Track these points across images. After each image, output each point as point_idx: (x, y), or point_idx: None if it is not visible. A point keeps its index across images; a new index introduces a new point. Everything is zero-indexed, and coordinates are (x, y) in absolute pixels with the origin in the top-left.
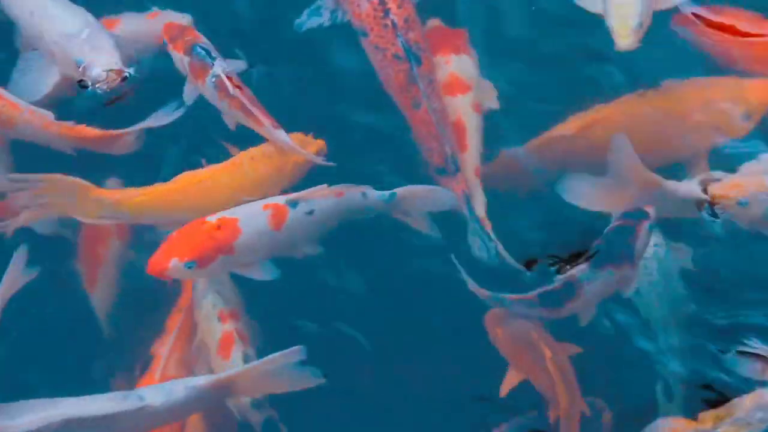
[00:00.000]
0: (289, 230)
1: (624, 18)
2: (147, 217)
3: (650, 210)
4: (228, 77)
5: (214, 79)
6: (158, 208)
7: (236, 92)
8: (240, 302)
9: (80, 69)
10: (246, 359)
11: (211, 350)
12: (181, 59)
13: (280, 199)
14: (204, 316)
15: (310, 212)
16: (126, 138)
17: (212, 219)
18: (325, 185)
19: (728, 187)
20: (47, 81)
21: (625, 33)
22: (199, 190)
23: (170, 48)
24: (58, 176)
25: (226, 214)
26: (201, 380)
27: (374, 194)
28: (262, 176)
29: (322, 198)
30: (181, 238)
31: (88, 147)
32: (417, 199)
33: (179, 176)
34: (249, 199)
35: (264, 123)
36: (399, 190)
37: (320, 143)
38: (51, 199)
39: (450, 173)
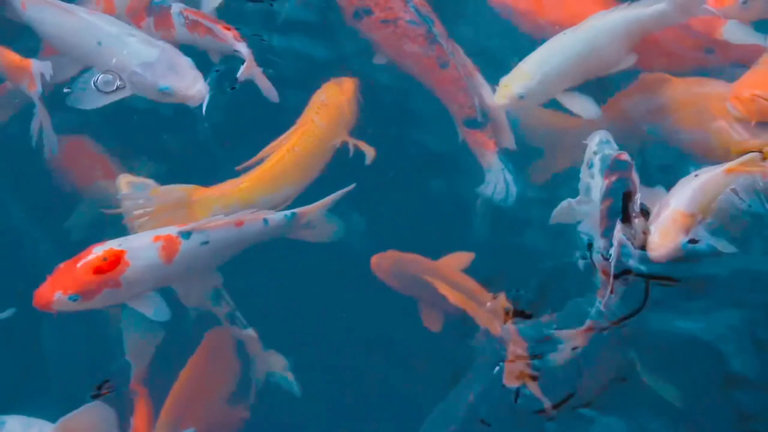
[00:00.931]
0: (182, 262)
1: (514, 80)
2: (257, 201)
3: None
4: (186, 10)
5: (180, 17)
6: (265, 188)
7: (194, 17)
8: None
9: (167, 95)
10: None
11: None
12: (148, 25)
13: (173, 230)
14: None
15: (205, 243)
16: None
17: (100, 250)
18: (221, 215)
19: None
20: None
21: (503, 94)
22: (293, 157)
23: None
24: (165, 188)
25: (114, 245)
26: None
27: (276, 218)
28: (331, 122)
29: (220, 228)
30: (67, 270)
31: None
32: (317, 214)
33: (263, 151)
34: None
35: (226, 37)
36: (299, 210)
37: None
38: (162, 210)
39: (481, 124)
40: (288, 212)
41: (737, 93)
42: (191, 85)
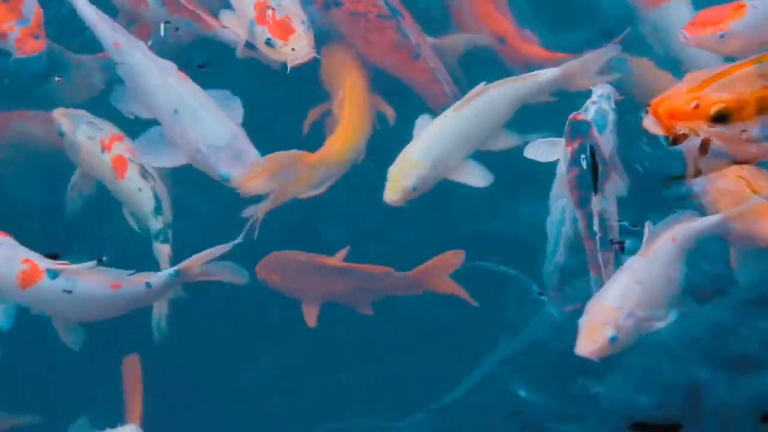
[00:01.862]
0: (36, 298)
1: (405, 172)
2: (350, 159)
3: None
4: None
5: None
6: (353, 143)
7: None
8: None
9: (225, 181)
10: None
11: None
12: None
13: (44, 263)
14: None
15: (68, 291)
16: None
17: None
18: (94, 262)
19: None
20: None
21: (395, 189)
22: (359, 110)
23: None
24: (277, 154)
25: None
26: None
27: (160, 280)
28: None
29: (92, 282)
30: None
31: None
32: (202, 265)
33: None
34: None
35: (211, 23)
36: (181, 265)
37: None
38: (281, 179)
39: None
40: (171, 270)
41: (655, 108)
42: (252, 185)
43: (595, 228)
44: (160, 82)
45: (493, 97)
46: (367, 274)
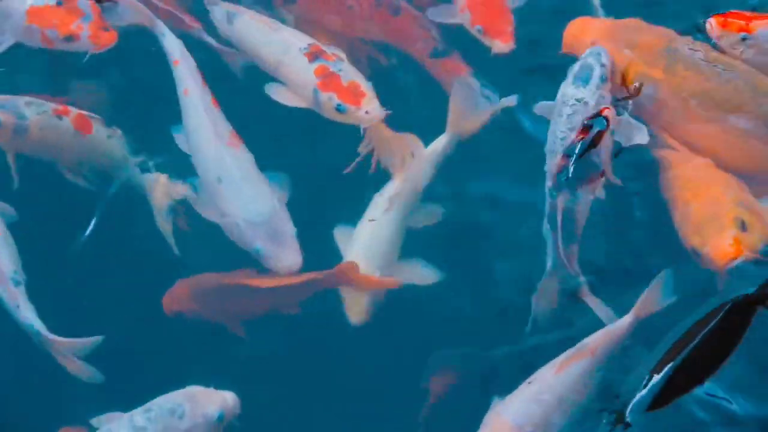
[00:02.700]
0: None
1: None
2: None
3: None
4: None
5: None
6: None
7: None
8: None
9: (259, 256)
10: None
11: None
12: None
13: None
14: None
15: None
16: None
17: None
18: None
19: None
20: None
21: (359, 309)
22: None
23: None
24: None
25: None
26: None
27: None
28: None
29: None
30: None
31: None
32: None
33: None
34: None
35: (192, 25)
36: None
37: None
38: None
39: (446, 51)
40: None
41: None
42: (285, 258)
43: (557, 221)
44: (211, 146)
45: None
46: (287, 285)
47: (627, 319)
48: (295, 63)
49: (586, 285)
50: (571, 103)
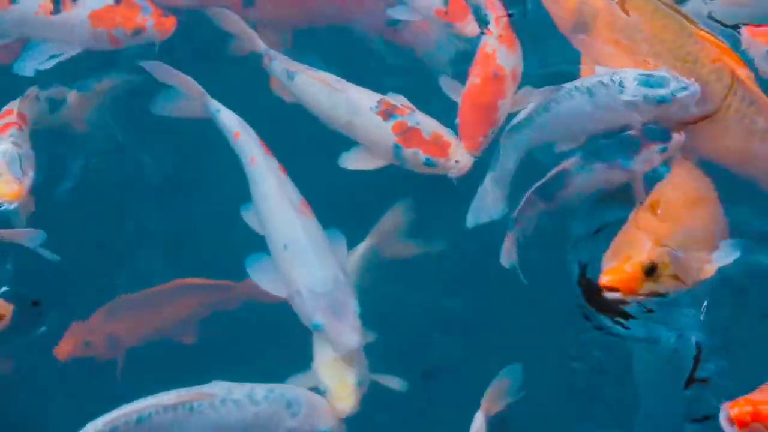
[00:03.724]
0: None
1: (344, 380)
2: None
3: (675, 138)
4: None
5: None
6: None
7: None
8: None
9: (317, 330)
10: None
11: None
12: None
13: None
14: None
15: None
16: None
17: None
18: None
19: None
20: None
21: (346, 394)
22: None
23: None
24: None
25: None
26: None
27: None
28: None
29: None
30: None
31: None
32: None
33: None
34: None
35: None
36: None
37: None
38: None
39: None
40: None
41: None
42: (345, 334)
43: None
44: (280, 213)
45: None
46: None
47: (478, 419)
48: (368, 123)
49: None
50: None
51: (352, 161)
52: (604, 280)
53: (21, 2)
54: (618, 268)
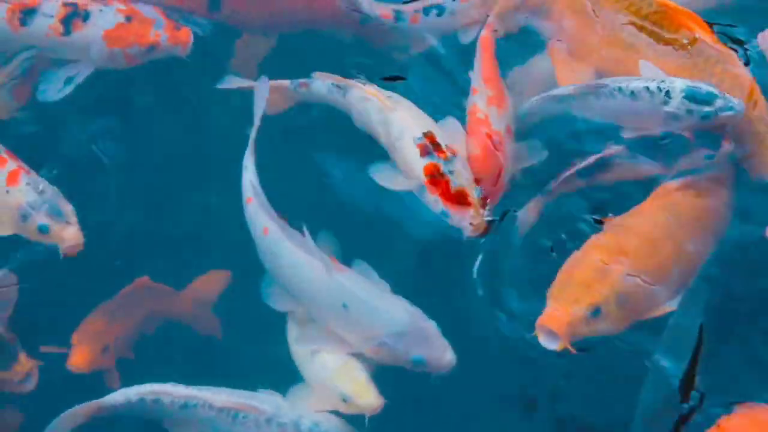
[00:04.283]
0: None
1: (357, 379)
2: None
3: (724, 147)
4: None
5: None
6: None
7: None
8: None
9: (419, 365)
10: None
11: None
12: None
13: None
14: None
15: None
16: None
17: None
18: None
19: None
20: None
21: (368, 390)
22: None
23: None
24: None
25: None
26: None
27: None
28: None
29: None
30: None
31: None
32: None
33: None
34: None
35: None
36: None
37: None
38: None
39: (370, 17)
40: None
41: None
42: (443, 355)
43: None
44: (324, 276)
45: None
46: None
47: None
48: (406, 152)
49: None
50: None
51: (381, 176)
52: (543, 325)
53: (32, 24)
54: (558, 314)
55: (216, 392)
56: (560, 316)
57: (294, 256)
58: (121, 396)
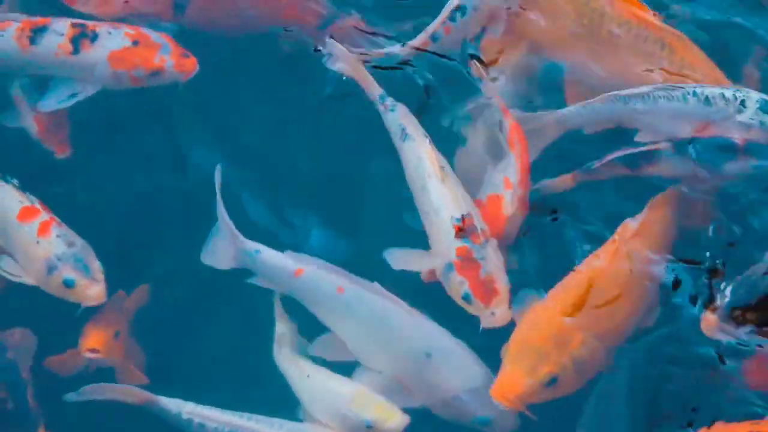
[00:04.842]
0: None
1: (378, 403)
2: None
3: None
4: None
5: None
6: None
7: None
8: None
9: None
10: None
11: None
12: None
13: None
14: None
15: None
16: None
17: None
18: None
19: None
20: None
21: (390, 412)
22: None
23: None
24: None
25: None
26: None
27: None
28: None
29: None
30: None
31: None
32: None
33: None
34: None
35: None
36: None
37: None
38: None
39: (337, 16)
40: None
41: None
42: (509, 421)
43: None
44: (409, 323)
45: None
46: None
47: None
48: (441, 228)
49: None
50: None
51: (397, 260)
52: (498, 392)
53: (41, 42)
54: (512, 384)
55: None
56: (515, 387)
57: (376, 304)
58: (174, 405)
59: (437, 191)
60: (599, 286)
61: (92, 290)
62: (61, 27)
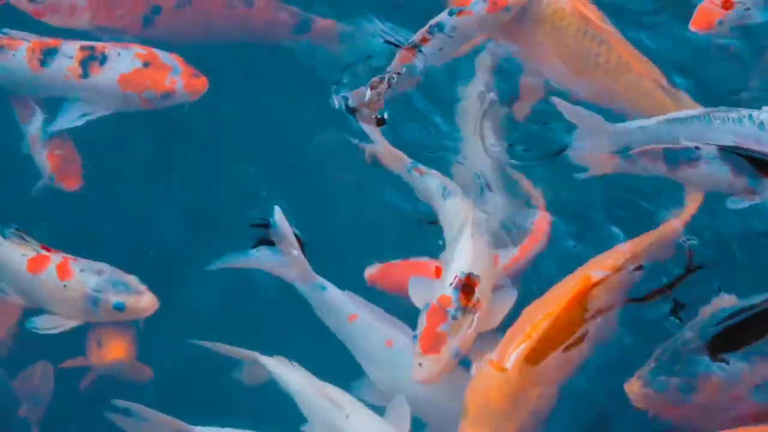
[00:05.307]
0: None
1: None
2: None
3: None
4: None
5: None
6: None
7: None
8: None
9: None
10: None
11: None
12: None
13: None
14: None
15: None
16: None
17: None
18: None
19: None
20: None
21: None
22: None
23: None
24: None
25: None
26: None
27: None
28: None
29: None
30: None
31: None
32: None
33: None
34: None
35: None
36: None
37: None
38: None
39: (312, 20)
40: None
41: None
42: None
43: None
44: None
45: None
46: None
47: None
48: (446, 276)
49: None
50: None
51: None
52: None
53: (51, 65)
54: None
55: None
56: None
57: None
58: None
59: (465, 245)
60: (558, 334)
61: (143, 301)
62: (71, 50)
